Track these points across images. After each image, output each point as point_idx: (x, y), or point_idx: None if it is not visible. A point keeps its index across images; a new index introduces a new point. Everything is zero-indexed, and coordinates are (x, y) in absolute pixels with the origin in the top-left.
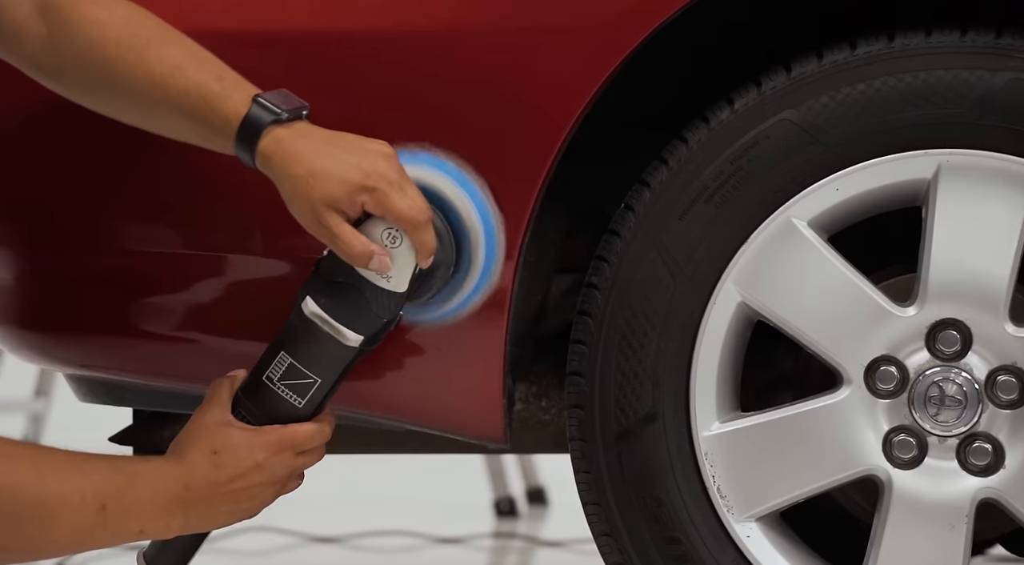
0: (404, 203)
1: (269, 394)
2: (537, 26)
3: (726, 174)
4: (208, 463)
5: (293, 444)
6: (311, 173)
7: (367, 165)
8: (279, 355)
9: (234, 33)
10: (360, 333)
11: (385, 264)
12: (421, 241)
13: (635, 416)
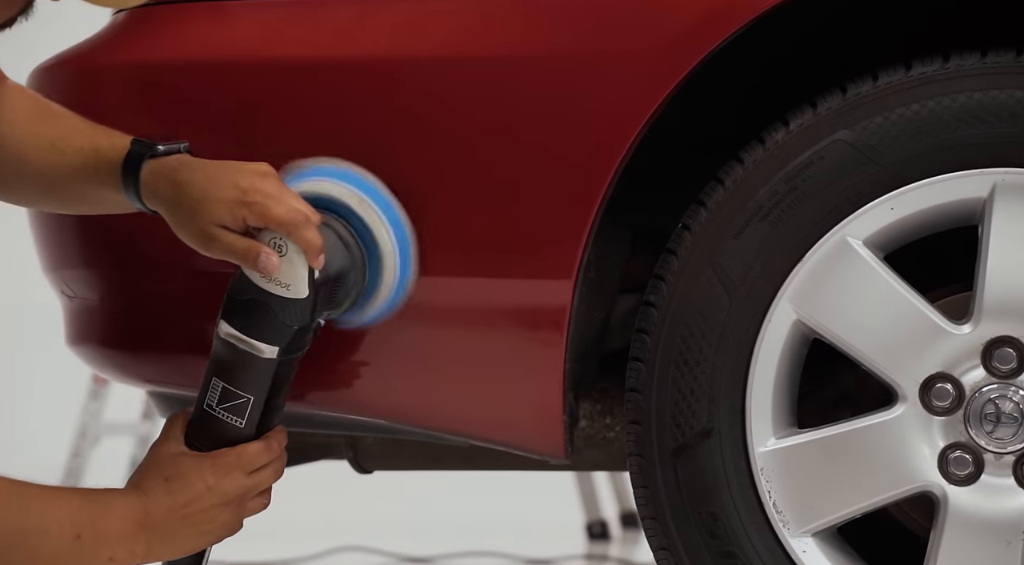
0: (281, 208)
1: (212, 421)
2: (593, 52)
3: (781, 194)
4: (163, 490)
5: (240, 464)
6: (193, 199)
7: (244, 183)
8: (212, 381)
9: (304, 61)
10: (274, 344)
11: (272, 262)
12: (304, 240)
13: (691, 432)
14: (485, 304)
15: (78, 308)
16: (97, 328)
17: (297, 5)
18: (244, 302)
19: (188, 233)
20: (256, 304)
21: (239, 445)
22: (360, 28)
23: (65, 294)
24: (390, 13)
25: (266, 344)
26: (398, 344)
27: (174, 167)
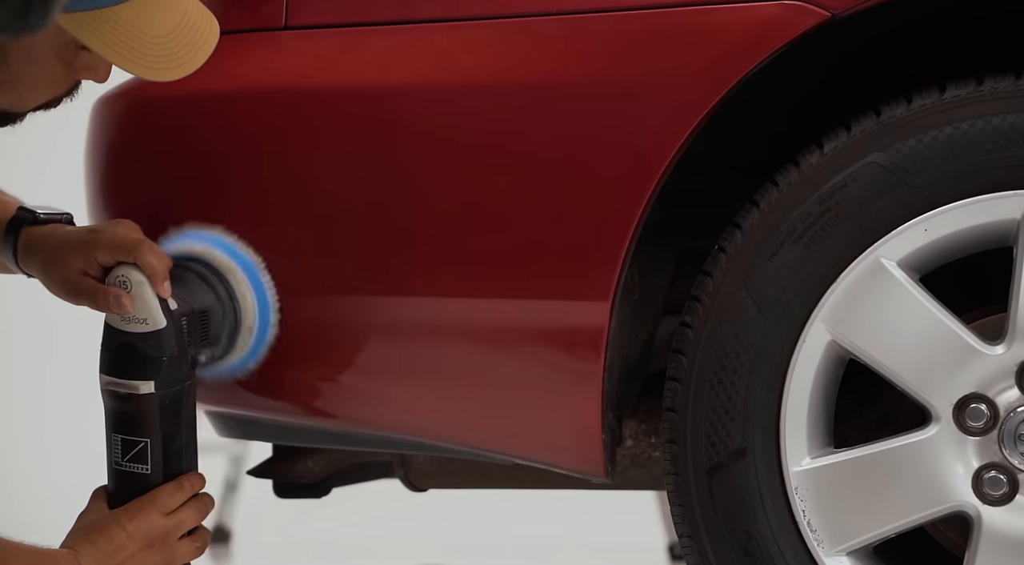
0: (125, 236)
1: (122, 476)
2: (628, 76)
3: (815, 216)
4: (89, 544)
5: (153, 505)
6: (55, 251)
7: (97, 227)
8: (111, 438)
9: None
10: (148, 379)
11: (122, 298)
12: (146, 263)
13: (725, 451)
14: (524, 325)
15: None
16: None
17: (345, 35)
18: (113, 349)
19: (55, 286)
20: (124, 347)
21: (150, 492)
22: (405, 56)
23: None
24: (434, 41)
25: (141, 381)
26: (440, 363)
27: (46, 233)
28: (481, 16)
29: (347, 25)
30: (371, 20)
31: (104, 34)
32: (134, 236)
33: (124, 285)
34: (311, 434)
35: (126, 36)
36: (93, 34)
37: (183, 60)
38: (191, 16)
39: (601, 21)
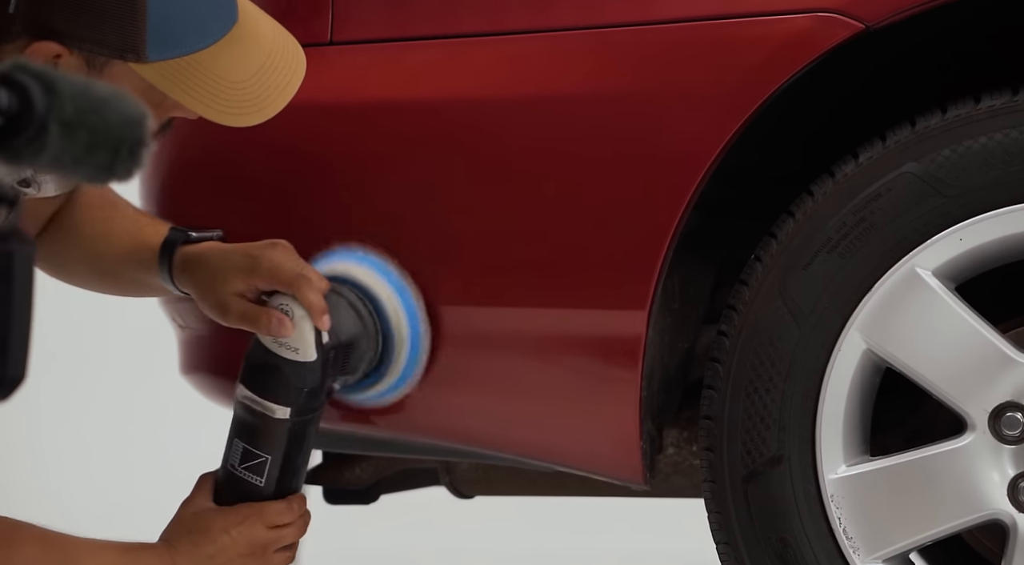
0: (284, 270)
1: (234, 479)
2: (663, 89)
3: (849, 225)
4: (188, 543)
5: (261, 518)
6: (211, 272)
7: (255, 252)
8: (234, 442)
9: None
10: (286, 405)
11: (284, 324)
12: (308, 301)
13: (761, 458)
14: (563, 333)
15: (189, 338)
16: (206, 357)
17: (388, 50)
18: (258, 367)
19: (208, 306)
20: (269, 368)
21: (262, 502)
22: (447, 70)
23: (178, 325)
24: (475, 55)
25: (279, 405)
26: (480, 370)
27: (201, 252)
28: (521, 30)
29: (390, 40)
30: (413, 35)
31: (184, 82)
32: (295, 268)
33: (287, 314)
34: (357, 441)
35: (206, 83)
36: (173, 82)
37: (265, 104)
38: (274, 57)
39: (638, 34)
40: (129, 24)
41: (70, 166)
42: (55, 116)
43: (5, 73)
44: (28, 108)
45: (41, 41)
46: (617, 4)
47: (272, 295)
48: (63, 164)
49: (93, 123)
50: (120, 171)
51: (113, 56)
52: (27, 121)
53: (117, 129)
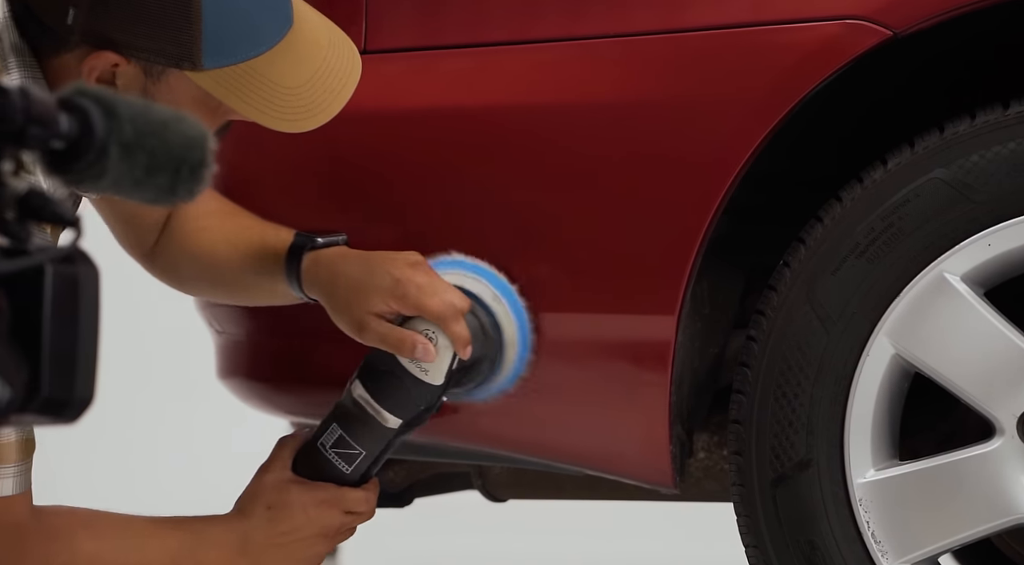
0: (434, 301)
1: (321, 458)
2: (692, 95)
3: (877, 231)
4: (264, 518)
5: (340, 503)
6: (348, 289)
7: (397, 273)
8: (332, 426)
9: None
10: (399, 417)
11: (429, 349)
12: (454, 333)
13: (789, 462)
14: (593, 338)
15: (226, 343)
16: (243, 362)
17: (420, 58)
18: (382, 373)
19: (344, 321)
20: (392, 377)
21: (343, 486)
22: (478, 78)
23: (215, 330)
24: (506, 63)
25: (392, 415)
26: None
27: (332, 258)
28: (551, 39)
29: (423, 48)
30: (445, 44)
31: (239, 89)
32: (443, 298)
33: (431, 339)
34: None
35: (261, 89)
36: (228, 89)
37: (320, 109)
38: (330, 61)
39: (668, 42)
40: (184, 34)
41: (131, 188)
42: (115, 139)
43: (65, 97)
44: (88, 132)
45: (100, 51)
46: (647, 12)
47: (416, 319)
48: (124, 187)
49: (153, 146)
50: (182, 192)
51: (169, 65)
52: (87, 145)
53: (177, 151)
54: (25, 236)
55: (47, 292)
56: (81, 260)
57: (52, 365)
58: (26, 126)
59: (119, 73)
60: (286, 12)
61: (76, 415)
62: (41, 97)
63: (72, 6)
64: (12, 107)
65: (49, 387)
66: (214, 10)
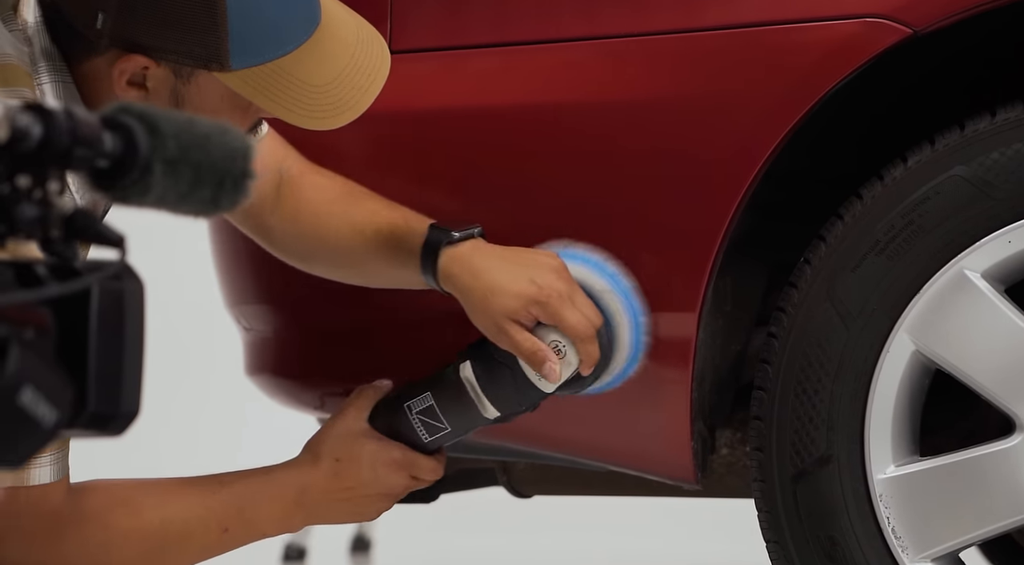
0: (573, 317)
1: (403, 419)
2: (715, 94)
3: (897, 228)
4: (330, 471)
5: (411, 468)
6: (488, 288)
7: (539, 279)
8: (424, 393)
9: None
10: (498, 410)
11: (555, 373)
12: (586, 353)
13: (810, 458)
14: None
15: (254, 340)
16: (270, 358)
17: (445, 58)
18: (496, 362)
19: (479, 320)
20: (506, 371)
21: (415, 451)
22: (503, 77)
23: (243, 326)
24: (530, 62)
25: (492, 406)
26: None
27: (470, 255)
28: (574, 38)
29: (447, 48)
30: (469, 43)
31: (267, 88)
32: (583, 314)
33: (559, 352)
34: None
35: (289, 88)
36: (256, 89)
37: (347, 106)
38: (358, 58)
39: (689, 41)
40: (211, 35)
41: (176, 202)
42: (159, 156)
43: (108, 116)
44: (132, 150)
45: (129, 54)
46: (668, 12)
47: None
48: (169, 201)
49: (196, 160)
50: (225, 204)
51: (197, 66)
52: (132, 162)
53: (220, 163)
54: (72, 255)
55: (94, 310)
56: (126, 275)
57: (98, 381)
58: (72, 147)
59: (149, 75)
60: (313, 11)
61: (122, 428)
62: (86, 117)
63: (101, 11)
64: (58, 129)
65: (95, 402)
66: (239, 12)
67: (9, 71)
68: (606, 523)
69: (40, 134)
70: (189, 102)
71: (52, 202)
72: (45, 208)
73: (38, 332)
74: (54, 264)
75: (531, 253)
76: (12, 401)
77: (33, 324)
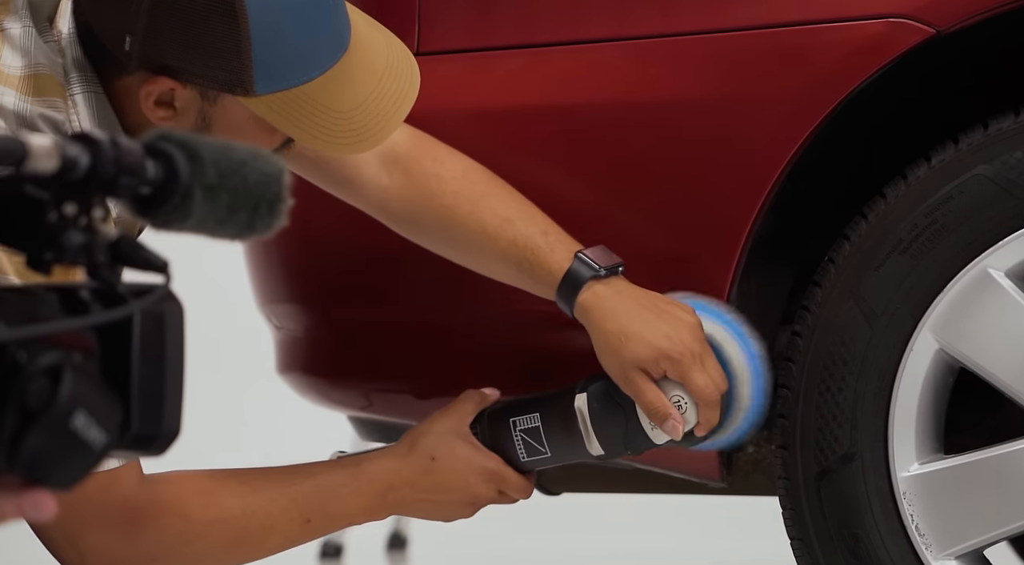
0: (702, 380)
1: (506, 434)
2: (739, 94)
3: (921, 227)
4: (422, 468)
5: (502, 482)
6: (623, 333)
7: (675, 335)
8: (533, 414)
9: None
10: (603, 450)
11: (677, 431)
12: (707, 418)
13: (834, 456)
14: None
15: (285, 338)
16: (300, 357)
17: (472, 59)
18: (614, 403)
19: (607, 361)
20: (620, 414)
21: (510, 467)
22: (529, 78)
23: (274, 325)
24: (556, 63)
25: (599, 444)
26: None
27: (611, 294)
28: (599, 39)
29: (475, 50)
30: (497, 45)
31: (291, 114)
32: (712, 379)
33: (680, 407)
34: None
35: (313, 114)
36: (280, 114)
37: (371, 132)
38: (385, 83)
39: (714, 42)
40: (235, 61)
41: (214, 227)
42: (199, 182)
43: (150, 143)
44: (174, 177)
45: (156, 76)
46: (693, 13)
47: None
48: (208, 226)
49: (234, 185)
50: (260, 227)
51: (222, 90)
52: (173, 188)
53: (255, 188)
54: (116, 280)
55: (136, 334)
56: (166, 297)
57: (141, 402)
58: (117, 175)
59: (177, 96)
60: (340, 37)
61: (163, 448)
62: (130, 146)
63: (129, 34)
64: (105, 158)
65: (138, 424)
66: (264, 39)
67: (42, 81)
68: (632, 523)
69: (88, 164)
70: (216, 122)
71: (97, 229)
72: (91, 235)
73: (85, 356)
74: (96, 288)
75: (670, 304)
76: (66, 425)
77: (80, 348)
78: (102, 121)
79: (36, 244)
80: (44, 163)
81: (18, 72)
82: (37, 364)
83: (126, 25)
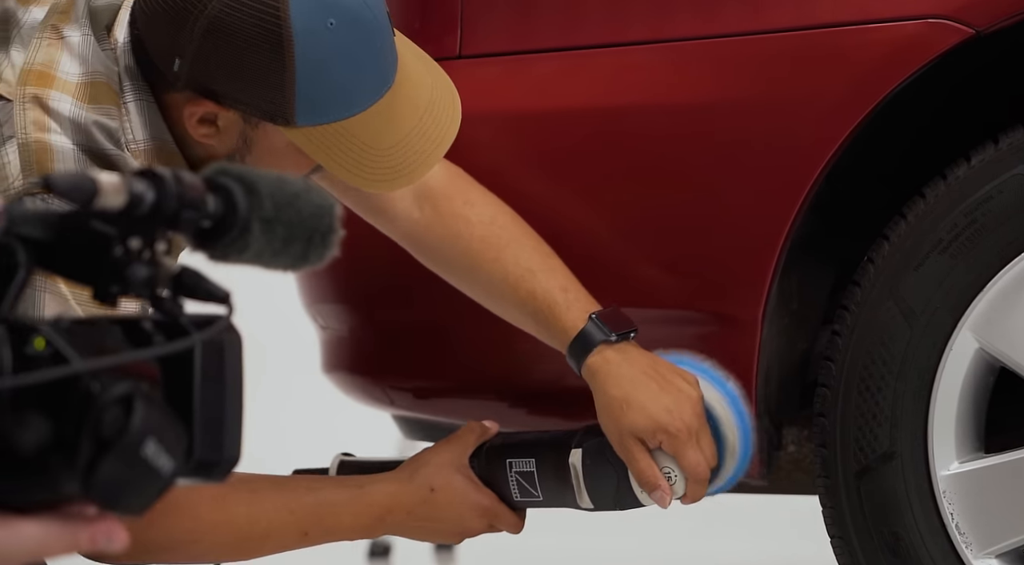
0: (695, 458)
1: (502, 473)
2: (778, 96)
3: (960, 227)
4: (421, 498)
5: (495, 518)
6: (626, 400)
7: (675, 409)
8: (529, 459)
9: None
10: (593, 505)
11: (664, 502)
12: (694, 493)
13: (873, 454)
14: (680, 335)
15: (330, 338)
16: (345, 356)
17: (513, 62)
18: (607, 462)
19: (606, 424)
20: (612, 474)
21: (504, 504)
22: (569, 80)
23: (319, 325)
24: (596, 66)
25: (589, 499)
26: None
27: (619, 360)
28: (639, 41)
29: (515, 53)
30: (537, 48)
31: (329, 148)
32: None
33: (669, 479)
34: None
35: (351, 149)
36: (318, 147)
37: (408, 170)
38: (425, 122)
39: (753, 43)
40: (278, 93)
41: (270, 258)
42: (256, 214)
43: (210, 178)
44: (232, 210)
45: (202, 98)
46: (733, 14)
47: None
48: (264, 257)
49: (289, 217)
50: (314, 258)
51: (264, 119)
52: (231, 222)
53: (309, 221)
54: (179, 313)
55: (197, 364)
56: (226, 329)
57: (203, 430)
58: (180, 210)
59: (220, 117)
60: (386, 74)
61: (225, 474)
62: (192, 181)
63: (178, 56)
64: (169, 194)
65: (201, 450)
66: (309, 74)
67: (98, 89)
68: (634, 523)
69: (153, 199)
70: (256, 145)
71: (160, 262)
72: (154, 268)
73: (151, 385)
74: (158, 319)
75: (675, 374)
76: (137, 453)
77: (146, 378)
78: (153, 129)
79: (102, 278)
80: (112, 199)
81: (75, 79)
82: (110, 394)
83: (177, 47)
